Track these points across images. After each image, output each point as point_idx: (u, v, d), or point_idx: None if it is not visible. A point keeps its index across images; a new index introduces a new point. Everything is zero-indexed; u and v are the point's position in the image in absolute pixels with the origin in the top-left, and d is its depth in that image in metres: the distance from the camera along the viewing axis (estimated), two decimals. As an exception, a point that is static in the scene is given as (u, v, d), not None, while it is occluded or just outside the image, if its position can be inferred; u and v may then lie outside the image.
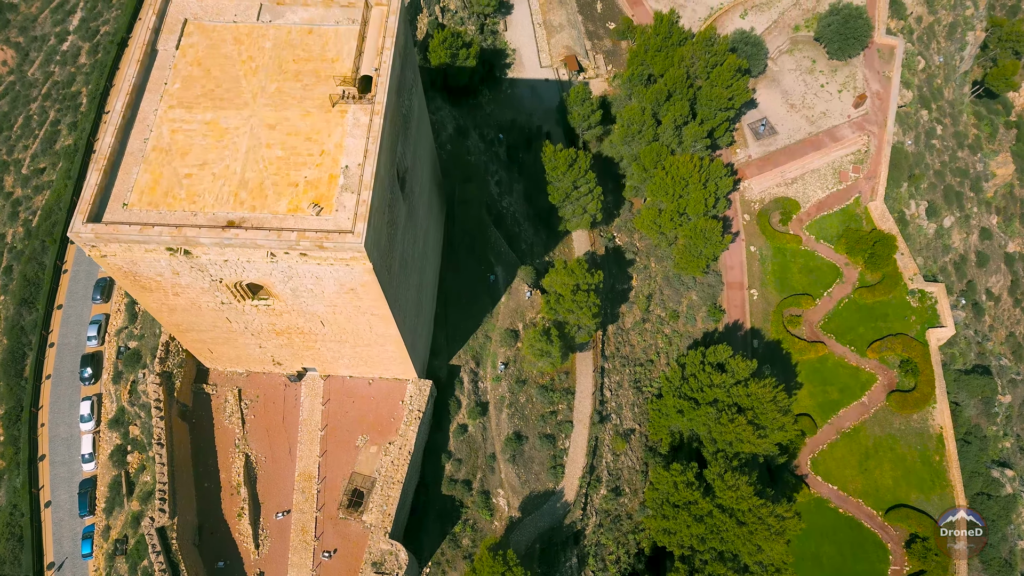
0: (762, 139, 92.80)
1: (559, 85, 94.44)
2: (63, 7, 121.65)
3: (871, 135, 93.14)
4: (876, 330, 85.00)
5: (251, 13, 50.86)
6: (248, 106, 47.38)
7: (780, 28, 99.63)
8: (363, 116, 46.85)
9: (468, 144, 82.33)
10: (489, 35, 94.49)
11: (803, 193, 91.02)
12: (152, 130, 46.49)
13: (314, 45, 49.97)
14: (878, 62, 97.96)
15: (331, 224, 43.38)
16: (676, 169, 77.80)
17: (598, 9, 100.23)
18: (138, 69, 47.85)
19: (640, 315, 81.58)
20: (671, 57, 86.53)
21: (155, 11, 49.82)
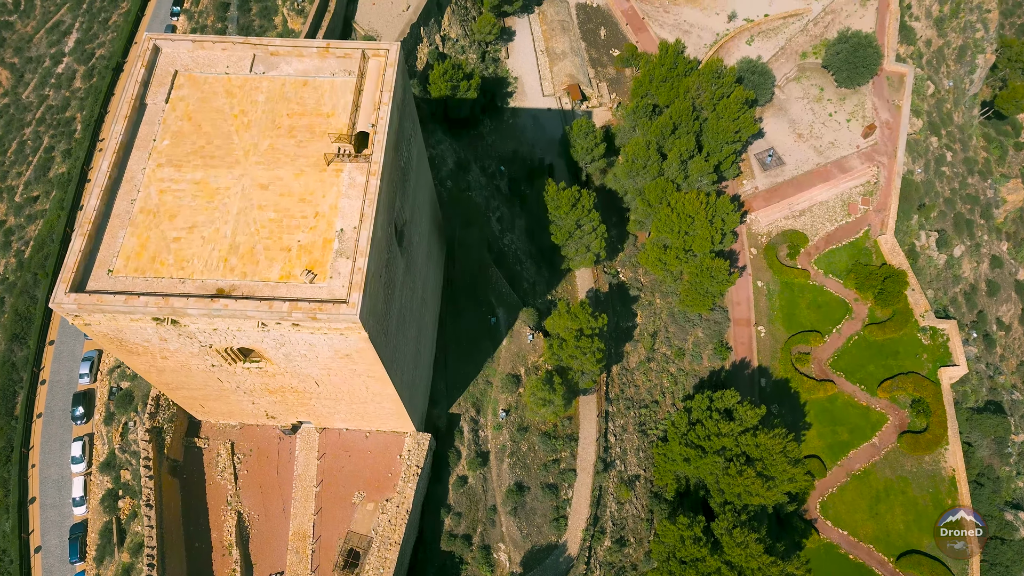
0: (769, 170, 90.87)
1: (562, 115, 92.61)
2: (59, 27, 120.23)
3: (881, 166, 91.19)
4: (887, 368, 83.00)
5: (244, 64, 49.04)
6: (240, 164, 45.54)
7: (787, 55, 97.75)
8: (359, 176, 45.00)
9: (469, 179, 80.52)
10: (491, 63, 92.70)
11: (811, 226, 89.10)
12: (139, 191, 44.66)
13: (309, 98, 48.13)
14: (887, 90, 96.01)
15: (325, 292, 41.52)
16: (682, 206, 75.92)
17: (601, 35, 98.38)
18: (125, 125, 46.04)
19: (645, 354, 79.65)
20: (676, 88, 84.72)
21: (144, 63, 48.00)
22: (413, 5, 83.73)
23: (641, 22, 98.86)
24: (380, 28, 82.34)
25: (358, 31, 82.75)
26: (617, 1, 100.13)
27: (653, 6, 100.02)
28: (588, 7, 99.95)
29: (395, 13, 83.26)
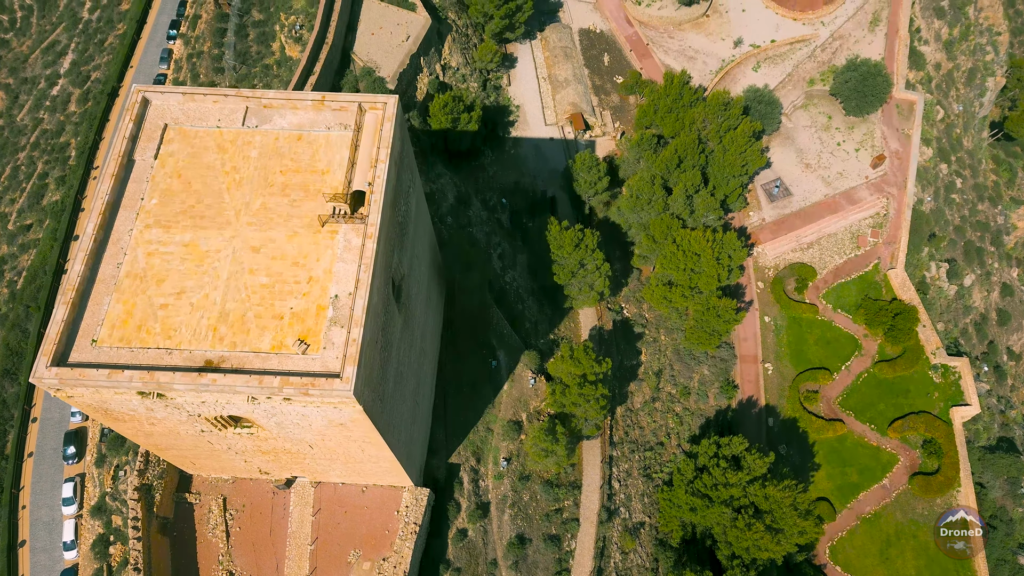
0: (776, 201, 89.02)
1: (564, 144, 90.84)
2: (54, 48, 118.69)
3: (890, 197, 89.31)
4: (897, 407, 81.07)
5: (236, 117, 47.27)
6: (231, 225, 43.76)
7: (794, 82, 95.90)
8: (355, 238, 43.19)
9: (470, 214, 78.74)
10: (492, 91, 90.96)
11: (819, 259, 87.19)
12: (126, 253, 42.85)
13: (303, 154, 46.35)
14: (897, 119, 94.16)
15: (318, 365, 39.71)
16: (688, 243, 74.07)
17: (605, 62, 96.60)
18: (112, 184, 44.22)
19: (650, 393, 77.79)
20: (682, 119, 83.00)
21: (133, 117, 46.20)
22: (413, 35, 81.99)
23: (645, 48, 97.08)
24: (379, 59, 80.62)
25: (357, 62, 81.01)
26: (621, 27, 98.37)
27: (658, 32, 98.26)
28: (591, 33, 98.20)
29: (394, 43, 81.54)
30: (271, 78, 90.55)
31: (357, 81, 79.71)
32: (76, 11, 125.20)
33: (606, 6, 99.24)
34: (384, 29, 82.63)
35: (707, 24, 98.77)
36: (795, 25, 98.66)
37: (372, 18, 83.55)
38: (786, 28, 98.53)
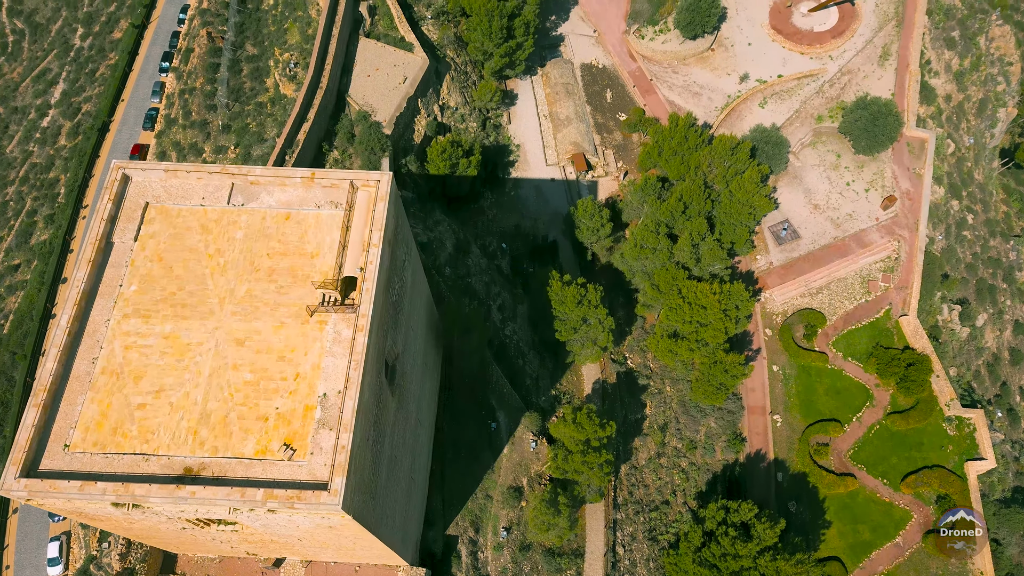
0: (784, 244, 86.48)
1: (566, 185, 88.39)
2: (45, 76, 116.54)
3: (902, 240, 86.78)
4: (910, 461, 78.49)
5: (221, 195, 44.77)
6: (214, 315, 41.24)
7: (802, 119, 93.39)
8: (345, 329, 40.69)
9: (469, 262, 76.25)
10: (492, 130, 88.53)
11: (829, 304, 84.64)
12: (102, 347, 40.34)
13: (291, 235, 43.85)
14: (908, 157, 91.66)
15: (305, 472, 37.19)
16: (694, 296, 71.56)
17: (607, 98, 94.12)
18: (89, 271, 41.70)
19: (655, 449, 75.25)
20: (687, 162, 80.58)
21: (112, 197, 43.67)
22: (410, 77, 79.54)
23: (649, 84, 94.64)
24: (375, 102, 78.17)
25: (352, 105, 78.57)
26: (624, 62, 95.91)
27: (662, 67, 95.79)
28: (593, 68, 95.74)
29: (391, 86, 79.09)
30: (264, 117, 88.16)
31: (352, 125, 77.29)
32: (68, 37, 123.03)
33: (609, 40, 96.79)
34: (380, 70, 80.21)
35: (712, 59, 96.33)
36: (803, 59, 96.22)
37: (368, 59, 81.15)
38: (793, 62, 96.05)
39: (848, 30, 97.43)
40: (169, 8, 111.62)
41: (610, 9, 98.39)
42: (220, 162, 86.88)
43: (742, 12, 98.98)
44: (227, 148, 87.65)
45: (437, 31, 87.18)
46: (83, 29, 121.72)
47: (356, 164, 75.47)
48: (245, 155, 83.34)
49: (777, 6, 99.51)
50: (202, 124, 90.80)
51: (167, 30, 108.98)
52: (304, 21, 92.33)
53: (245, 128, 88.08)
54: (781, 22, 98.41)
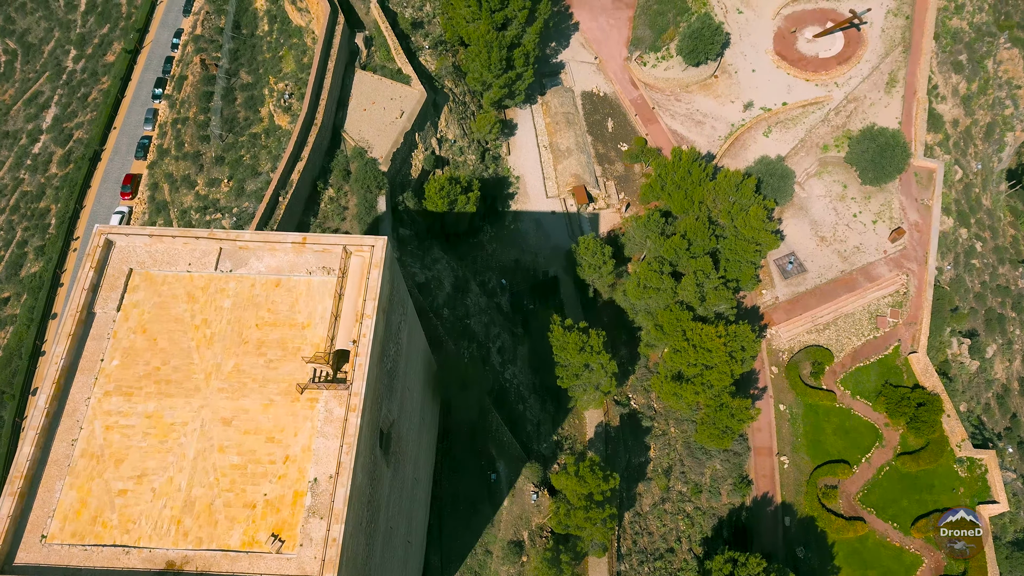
0: (790, 278, 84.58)
1: (567, 218, 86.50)
2: (37, 100, 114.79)
3: (911, 274, 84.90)
4: (921, 504, 76.54)
5: (209, 260, 42.84)
6: (199, 392, 39.30)
7: (807, 148, 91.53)
8: (337, 407, 38.75)
9: (467, 302, 74.33)
10: (491, 162, 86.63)
11: (836, 340, 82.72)
12: (82, 427, 38.41)
13: (282, 303, 41.93)
14: (915, 187, 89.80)
15: (294, 567, 35.26)
16: (700, 339, 69.65)
17: (609, 128, 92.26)
18: (69, 345, 39.76)
19: (659, 494, 73.29)
20: (691, 196, 78.70)
21: (94, 264, 41.71)
22: (407, 111, 77.65)
23: (651, 112, 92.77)
24: (371, 138, 76.29)
25: (348, 141, 76.65)
26: (626, 89, 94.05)
27: (664, 95, 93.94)
28: (594, 96, 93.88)
29: (388, 121, 77.22)
30: (259, 149, 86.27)
31: (348, 162, 75.42)
32: (60, 59, 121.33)
33: (610, 68, 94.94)
34: (377, 104, 78.33)
35: (716, 86, 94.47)
36: (808, 86, 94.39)
37: (364, 92, 79.28)
38: (798, 90, 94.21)
39: (854, 56, 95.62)
40: (162, 32, 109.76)
41: (611, 35, 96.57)
42: (212, 195, 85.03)
43: (745, 38, 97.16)
44: (220, 181, 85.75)
45: (435, 61, 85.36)
46: (76, 51, 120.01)
47: (352, 202, 73.58)
48: (239, 189, 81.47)
49: (781, 32, 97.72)
50: (195, 156, 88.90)
51: (160, 55, 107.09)
52: (299, 49, 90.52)
53: (239, 160, 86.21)
54: (786, 48, 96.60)
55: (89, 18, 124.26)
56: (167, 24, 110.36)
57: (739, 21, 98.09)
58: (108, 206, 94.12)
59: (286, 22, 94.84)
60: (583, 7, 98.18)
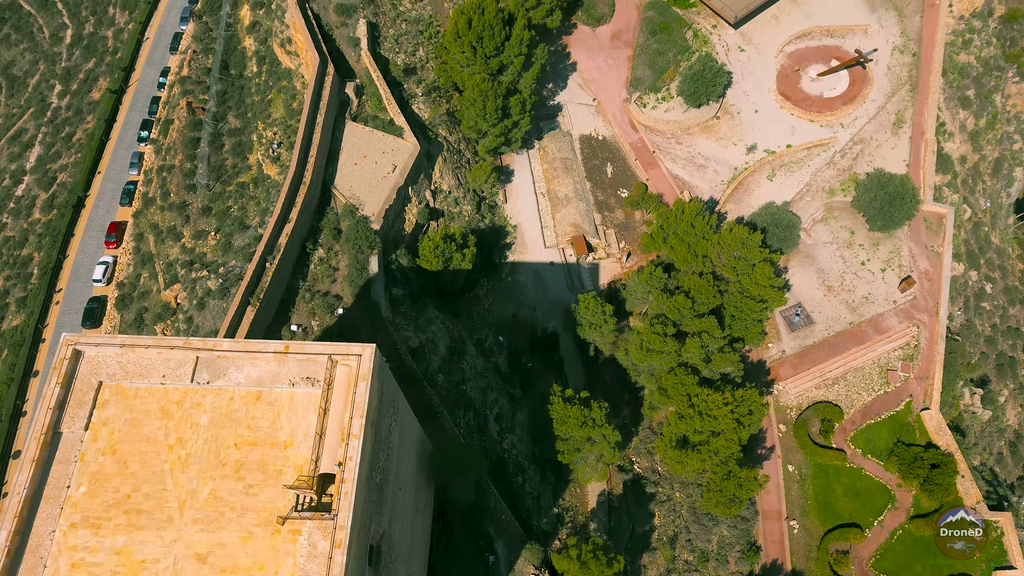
0: (797, 330, 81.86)
1: (566, 269, 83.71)
2: (20, 138, 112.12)
3: (921, 325, 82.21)
4: (935, 569, 73.77)
5: (185, 371, 39.93)
6: (173, 523, 36.38)
7: (813, 192, 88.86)
8: (322, 541, 35.87)
9: (463, 365, 71.49)
10: (487, 211, 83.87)
11: (846, 396, 79.98)
12: (46, 565, 35.51)
13: (262, 419, 39.03)
14: (925, 233, 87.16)
15: None
16: (706, 406, 66.91)
17: (608, 173, 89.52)
18: (33, 471, 36.85)
19: (665, 565, 70.45)
20: (694, 249, 76.02)
21: (60, 380, 38.78)
22: (400, 165, 74.85)
23: (652, 156, 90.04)
24: (362, 194, 73.45)
25: (338, 198, 73.83)
26: (625, 132, 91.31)
27: (664, 138, 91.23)
28: (593, 140, 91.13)
29: (379, 176, 74.39)
30: (247, 200, 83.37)
31: (339, 220, 72.57)
32: (45, 95, 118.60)
33: (609, 110, 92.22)
34: (368, 158, 75.52)
35: (718, 128, 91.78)
36: (812, 127, 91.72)
37: (355, 145, 76.47)
38: (803, 131, 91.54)
39: (859, 95, 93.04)
40: (149, 71, 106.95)
41: (610, 76, 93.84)
42: (199, 248, 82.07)
43: (748, 77, 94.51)
44: (207, 233, 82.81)
45: (428, 109, 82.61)
46: (61, 86, 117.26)
47: (342, 263, 70.68)
48: (226, 244, 78.54)
49: (785, 70, 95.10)
50: (181, 206, 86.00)
51: (147, 94, 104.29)
52: (289, 93, 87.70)
53: (227, 211, 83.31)
54: (789, 87, 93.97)
55: (75, 51, 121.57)
56: (153, 62, 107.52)
57: (741, 59, 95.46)
58: (92, 255, 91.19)
59: (275, 63, 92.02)
60: (580, 47, 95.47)
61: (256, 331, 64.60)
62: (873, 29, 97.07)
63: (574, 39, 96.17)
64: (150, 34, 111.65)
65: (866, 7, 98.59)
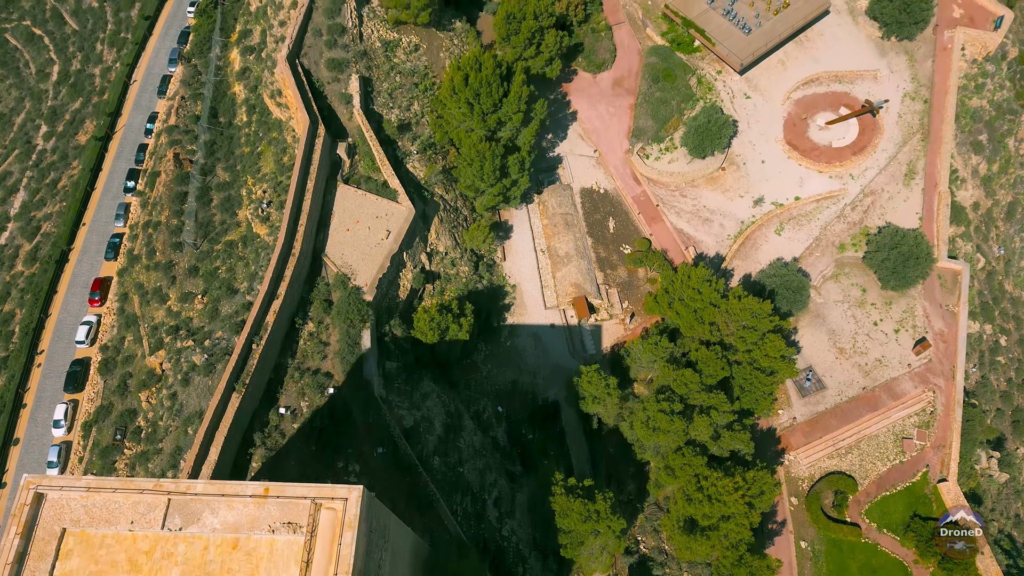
0: (808, 396, 78.72)
1: (567, 332, 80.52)
2: (5, 181, 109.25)
3: (937, 390, 79.09)
4: (955, 652, 70.51)
5: (155, 516, 36.61)
6: None
7: (822, 248, 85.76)
8: None
9: (460, 444, 68.23)
10: (485, 271, 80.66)
11: (860, 466, 76.80)
12: None
13: (239, 571, 35.73)
14: (940, 292, 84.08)
15: None
16: (715, 490, 63.70)
17: (610, 228, 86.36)
18: (-15, 641, 33.53)
19: (672, 653, 67.16)
20: (701, 316, 72.78)
21: (20, 529, 35.43)
22: (395, 231, 71.67)
23: (655, 210, 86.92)
24: (355, 263, 70.27)
25: (330, 267, 70.63)
26: (627, 185, 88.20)
27: (668, 190, 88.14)
28: (594, 193, 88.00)
29: (373, 243, 71.22)
30: (235, 260, 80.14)
31: (330, 291, 69.37)
32: (31, 135, 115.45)
33: (610, 161, 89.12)
34: (361, 223, 72.36)
35: (723, 180, 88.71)
36: (821, 179, 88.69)
37: (347, 209, 73.31)
38: (811, 182, 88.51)
39: (869, 145, 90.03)
40: (136, 116, 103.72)
41: (611, 126, 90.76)
42: (185, 313, 78.79)
43: (754, 125, 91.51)
44: (194, 296, 79.55)
45: (424, 167, 79.49)
46: (46, 127, 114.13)
47: (333, 337, 67.47)
48: (213, 310, 75.31)
49: (792, 118, 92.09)
50: (167, 265, 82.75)
51: (133, 141, 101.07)
52: (279, 146, 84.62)
53: (214, 272, 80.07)
54: (797, 137, 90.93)
55: (61, 89, 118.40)
56: (140, 107, 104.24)
57: (747, 107, 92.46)
58: (75, 314, 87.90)
59: (265, 113, 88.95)
60: (581, 95, 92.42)
61: (242, 417, 61.33)
62: (883, 74, 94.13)
63: (574, 86, 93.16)
64: (137, 76, 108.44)
65: (876, 51, 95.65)
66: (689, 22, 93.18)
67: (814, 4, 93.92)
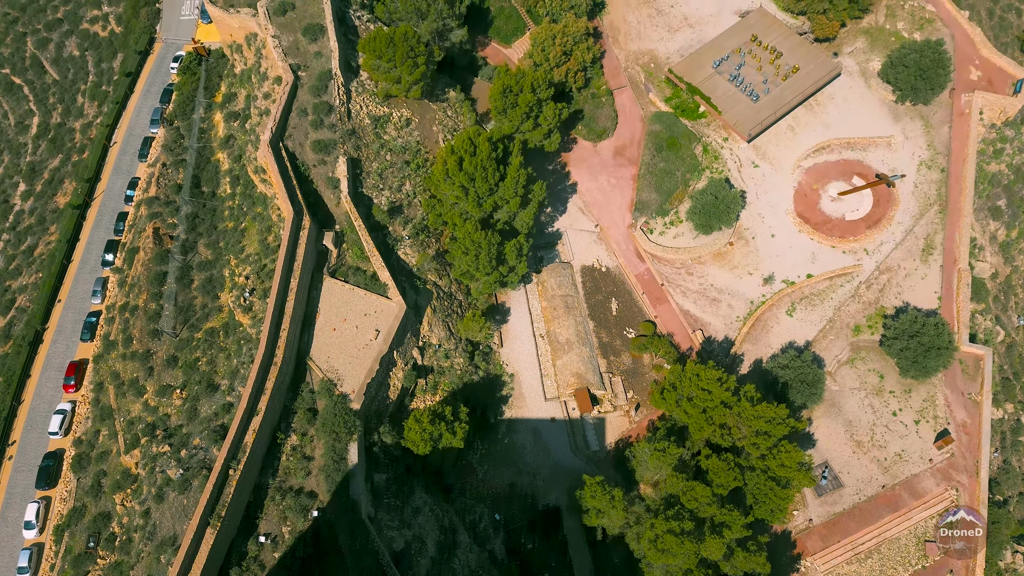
0: (824, 495, 74.27)
1: (568, 426, 76.09)
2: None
3: (960, 488, 74.67)
4: None
5: None
6: None
7: (836, 330, 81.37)
8: None
9: (455, 565, 63.70)
10: (481, 361, 76.19)
11: (880, 573, 72.28)
12: None
13: None
14: (961, 379, 79.67)
15: None
16: (729, 620, 59.16)
17: (613, 311, 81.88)
18: None
19: None
20: (711, 416, 68.39)
21: None
22: (384, 330, 67.18)
23: (660, 290, 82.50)
24: (341, 367, 65.78)
25: (315, 372, 66.11)
26: (630, 262, 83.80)
27: (674, 268, 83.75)
28: (595, 271, 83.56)
29: (360, 344, 66.72)
30: (216, 351, 75.61)
31: (315, 399, 64.84)
32: (8, 194, 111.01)
33: (612, 236, 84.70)
34: (348, 322, 67.86)
35: (731, 256, 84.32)
36: (835, 254, 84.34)
37: (334, 305, 68.81)
38: (824, 258, 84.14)
39: (884, 218, 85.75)
40: (116, 180, 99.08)
41: (613, 198, 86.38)
42: (163, 409, 74.10)
43: (763, 196, 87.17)
44: (173, 390, 74.96)
45: (416, 254, 75.04)
46: (25, 185, 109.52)
47: (318, 451, 62.93)
48: (192, 410, 70.75)
49: (802, 188, 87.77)
50: (145, 355, 78.17)
51: (113, 208, 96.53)
52: (264, 223, 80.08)
53: (194, 364, 75.47)
54: (808, 208, 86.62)
55: (40, 143, 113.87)
56: (121, 171, 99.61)
57: (755, 176, 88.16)
58: (49, 400, 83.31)
59: (250, 186, 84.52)
60: (581, 165, 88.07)
61: (218, 551, 56.69)
62: (897, 141, 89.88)
63: (574, 156, 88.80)
64: (118, 138, 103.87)
65: (889, 116, 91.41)
66: (694, 88, 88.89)
67: (825, 68, 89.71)
